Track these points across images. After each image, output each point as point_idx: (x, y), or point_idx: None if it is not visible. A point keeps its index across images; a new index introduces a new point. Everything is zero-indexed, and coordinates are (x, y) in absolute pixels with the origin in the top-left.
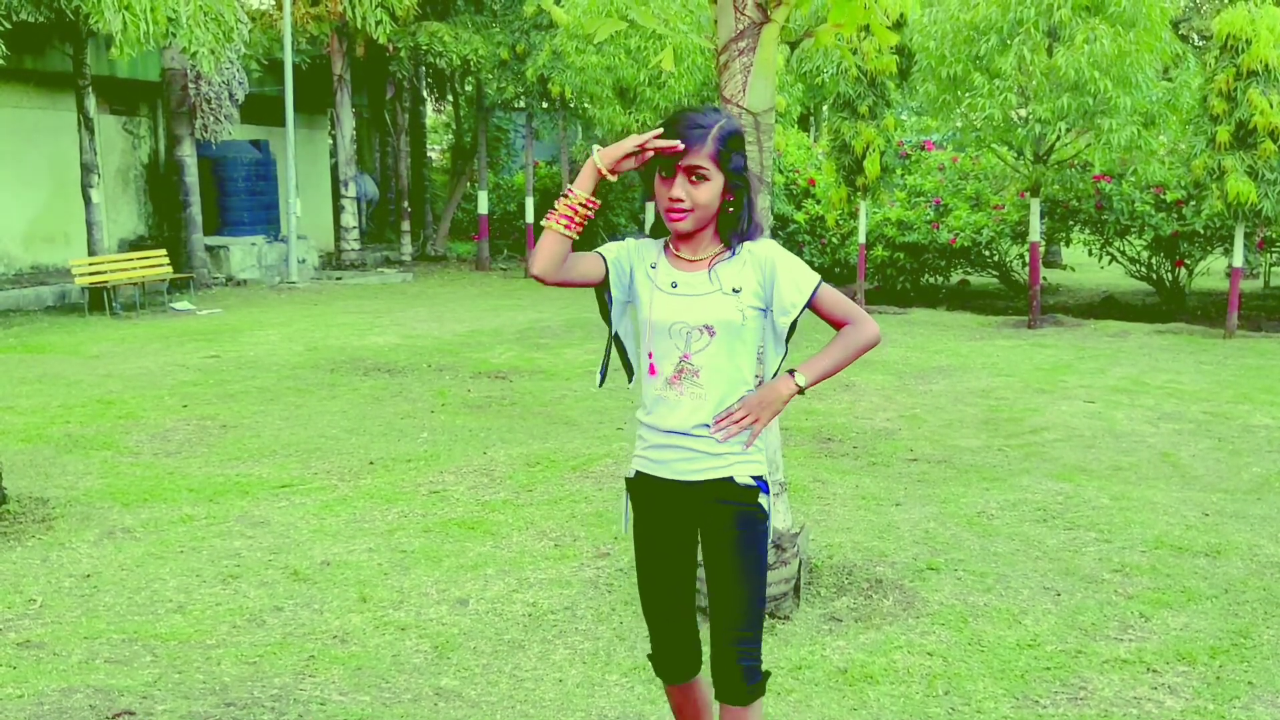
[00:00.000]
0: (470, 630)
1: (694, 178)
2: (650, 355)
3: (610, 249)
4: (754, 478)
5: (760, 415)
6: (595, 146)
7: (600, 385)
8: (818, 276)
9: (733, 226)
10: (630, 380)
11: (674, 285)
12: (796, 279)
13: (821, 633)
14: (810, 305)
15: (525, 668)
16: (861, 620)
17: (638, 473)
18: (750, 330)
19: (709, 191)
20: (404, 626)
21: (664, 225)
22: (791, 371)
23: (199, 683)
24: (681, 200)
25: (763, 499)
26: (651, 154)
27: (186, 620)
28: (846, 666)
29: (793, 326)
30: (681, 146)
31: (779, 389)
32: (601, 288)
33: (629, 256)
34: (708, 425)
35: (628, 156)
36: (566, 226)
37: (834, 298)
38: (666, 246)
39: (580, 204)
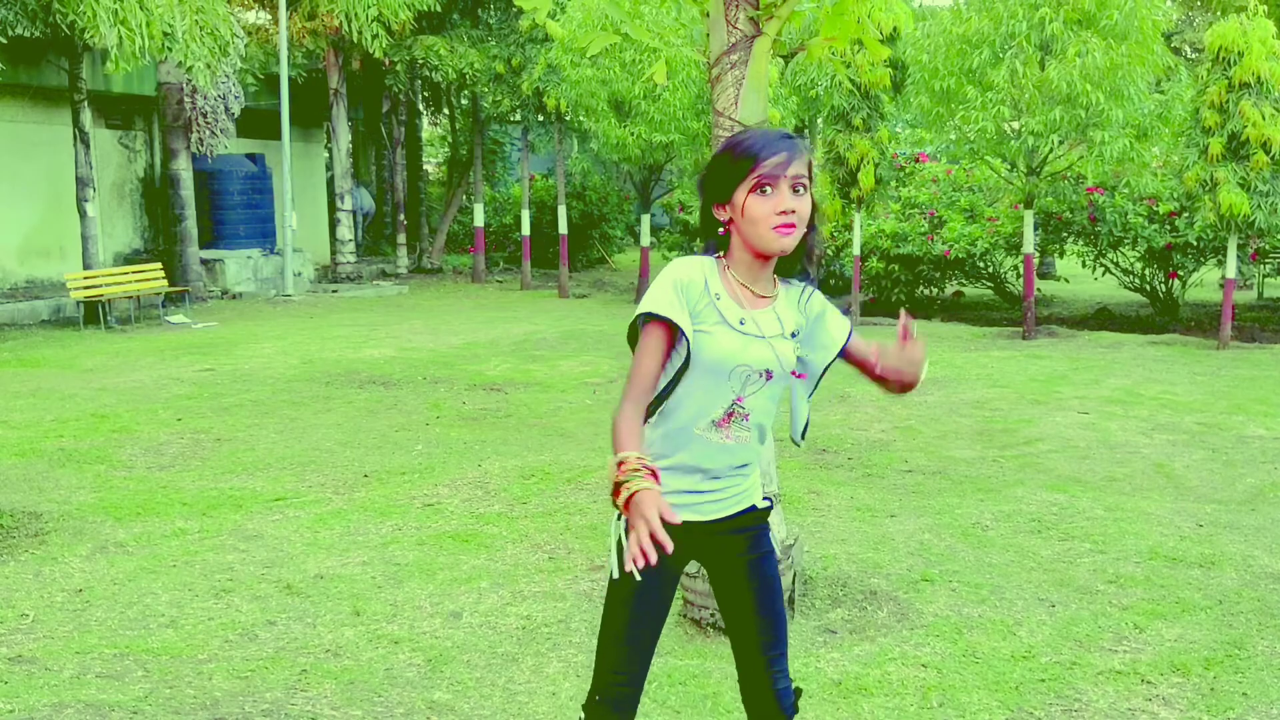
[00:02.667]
0: (463, 643)
1: (798, 188)
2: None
3: (662, 302)
4: (765, 496)
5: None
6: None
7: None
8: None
9: (805, 256)
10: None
11: (741, 323)
12: (839, 319)
13: (816, 645)
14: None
15: (518, 681)
16: (856, 632)
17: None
18: (789, 376)
19: (809, 203)
20: (397, 640)
21: (719, 245)
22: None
23: (190, 698)
24: (793, 212)
25: (773, 516)
26: None
27: (178, 635)
28: (841, 678)
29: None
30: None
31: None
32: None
33: (683, 298)
34: (746, 465)
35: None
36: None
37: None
38: (722, 271)
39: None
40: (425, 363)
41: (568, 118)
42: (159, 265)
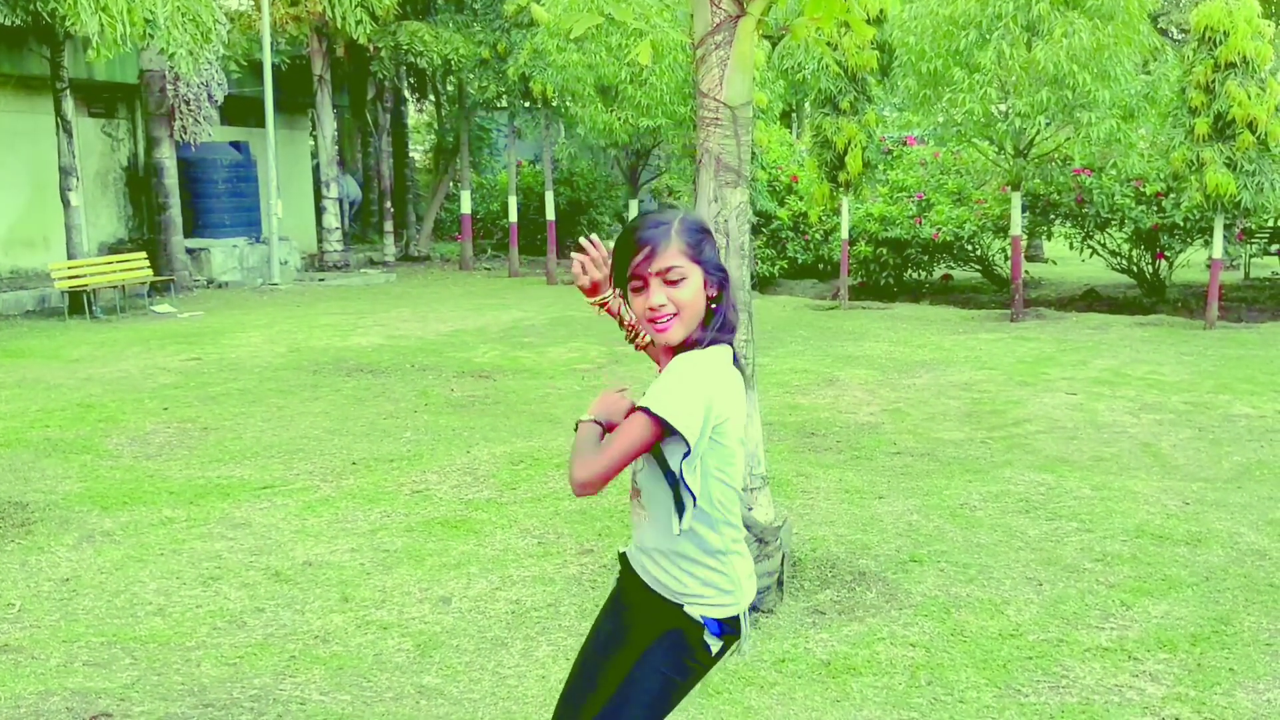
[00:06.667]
0: (453, 628)
1: (669, 279)
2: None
3: None
4: (705, 618)
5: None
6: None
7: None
8: (662, 410)
9: (709, 324)
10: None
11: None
12: (653, 393)
13: (805, 625)
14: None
15: (508, 665)
16: (845, 613)
17: (623, 553)
18: (666, 457)
19: (690, 291)
20: (386, 625)
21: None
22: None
23: (177, 684)
24: (664, 305)
25: (709, 637)
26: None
27: (166, 623)
28: (830, 659)
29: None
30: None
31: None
32: None
33: None
34: (652, 549)
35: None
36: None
37: (628, 426)
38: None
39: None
40: (413, 350)
41: (554, 103)
42: (144, 255)
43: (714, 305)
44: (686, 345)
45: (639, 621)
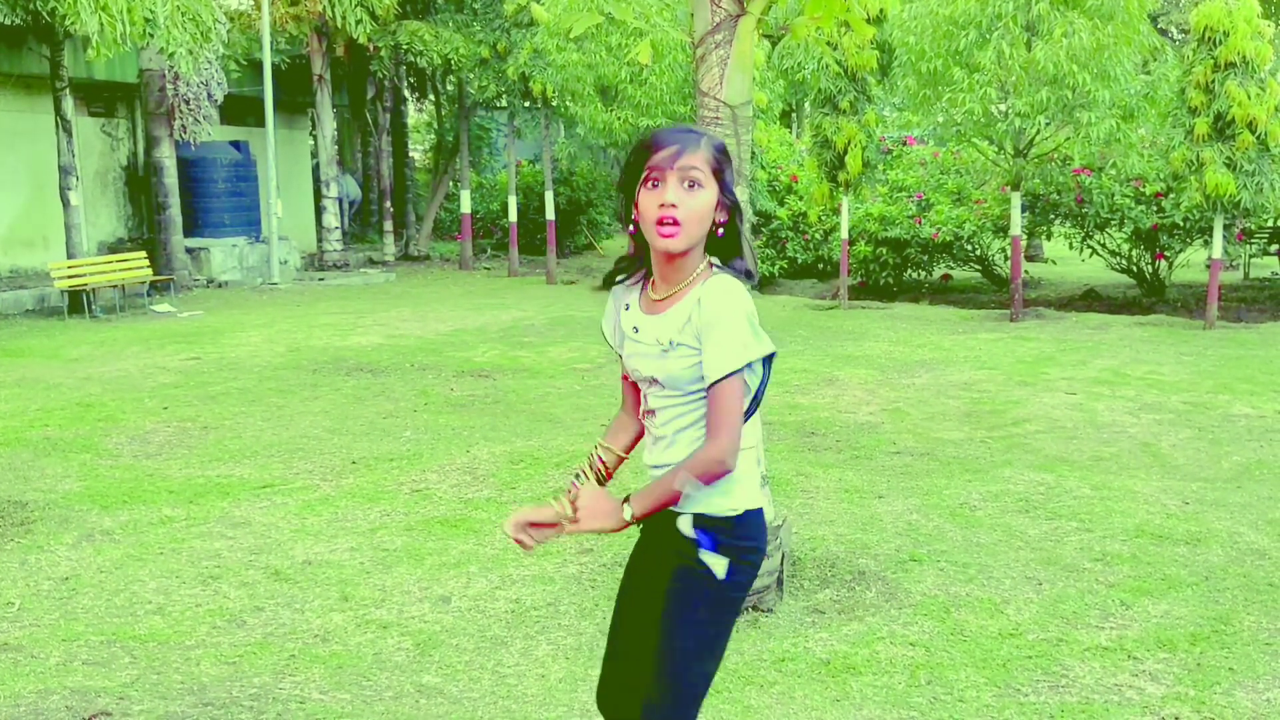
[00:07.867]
0: (453, 627)
1: (688, 182)
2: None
3: (606, 329)
4: (698, 528)
5: (579, 522)
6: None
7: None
8: (739, 362)
9: (726, 254)
10: None
11: (635, 330)
12: (720, 354)
13: (804, 625)
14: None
15: (508, 664)
16: (844, 612)
17: None
18: (699, 380)
19: (703, 201)
20: (386, 624)
21: (642, 256)
22: (627, 499)
23: (177, 683)
24: (675, 207)
25: (706, 556)
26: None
27: (166, 621)
28: (829, 658)
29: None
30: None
31: (607, 520)
32: None
33: (613, 316)
34: (659, 466)
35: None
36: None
37: (725, 396)
38: (645, 283)
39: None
40: (413, 350)
41: (554, 103)
42: (143, 254)
43: (720, 232)
44: (688, 271)
45: (651, 564)
